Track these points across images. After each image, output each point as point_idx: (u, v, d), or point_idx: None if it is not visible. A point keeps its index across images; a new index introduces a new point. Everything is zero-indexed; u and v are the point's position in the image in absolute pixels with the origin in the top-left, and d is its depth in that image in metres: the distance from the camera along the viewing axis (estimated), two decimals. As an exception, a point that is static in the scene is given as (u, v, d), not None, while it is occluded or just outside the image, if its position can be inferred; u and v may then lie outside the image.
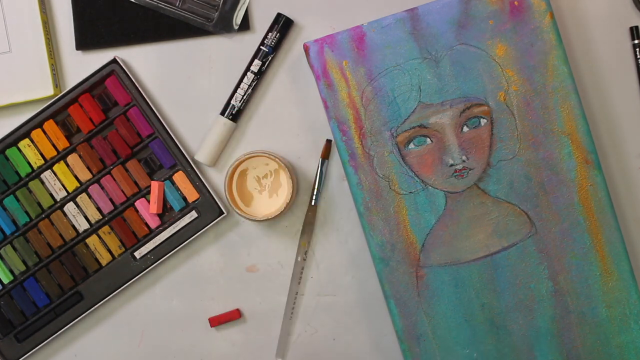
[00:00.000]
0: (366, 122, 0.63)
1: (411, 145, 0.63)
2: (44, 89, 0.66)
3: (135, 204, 0.66)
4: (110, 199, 0.66)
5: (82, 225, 0.66)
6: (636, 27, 0.66)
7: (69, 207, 0.66)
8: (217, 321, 0.67)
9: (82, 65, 0.68)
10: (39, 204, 0.66)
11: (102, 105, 0.66)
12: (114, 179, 0.66)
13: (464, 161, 0.62)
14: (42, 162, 0.66)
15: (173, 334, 0.69)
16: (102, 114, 0.66)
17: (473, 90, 0.62)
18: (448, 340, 0.63)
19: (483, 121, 0.62)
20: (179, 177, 0.66)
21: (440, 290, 0.63)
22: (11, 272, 0.66)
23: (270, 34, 0.66)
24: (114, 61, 0.66)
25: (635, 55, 0.66)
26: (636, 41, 0.66)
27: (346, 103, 0.63)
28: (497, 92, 0.62)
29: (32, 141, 0.66)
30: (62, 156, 0.66)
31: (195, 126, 0.68)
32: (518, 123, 0.62)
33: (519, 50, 0.62)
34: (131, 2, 0.66)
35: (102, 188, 0.66)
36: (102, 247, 0.66)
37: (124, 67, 0.66)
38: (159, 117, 0.66)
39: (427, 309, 0.63)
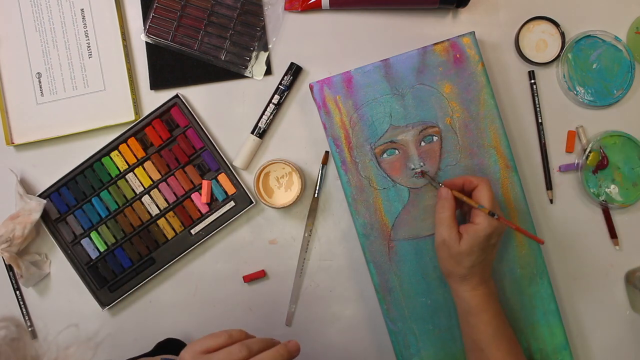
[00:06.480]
0: (353, 139, 0.71)
1: (385, 155, 0.71)
2: (128, 116, 0.75)
3: (192, 196, 0.75)
4: (174, 193, 0.75)
5: (154, 211, 0.75)
6: (532, 70, 0.76)
7: (145, 198, 0.75)
8: (248, 278, 0.75)
9: (154, 99, 0.76)
10: (124, 196, 0.75)
11: (168, 127, 0.75)
12: (177, 179, 0.75)
13: (421, 166, 0.71)
14: (127, 166, 0.75)
15: (218, 287, 0.76)
16: (168, 133, 0.75)
17: (428, 116, 0.71)
18: (410, 291, 0.71)
19: (435, 138, 0.71)
20: (222, 177, 0.75)
21: (405, 256, 0.71)
22: (105, 243, 0.75)
23: (285, 77, 0.75)
24: (177, 96, 0.75)
25: (532, 89, 0.76)
26: (532, 81, 0.76)
27: (339, 125, 0.71)
28: (445, 117, 0.71)
29: (119, 152, 0.75)
30: (140, 162, 0.75)
31: (233, 141, 0.76)
32: (459, 140, 0.71)
33: (460, 88, 0.70)
34: (188, 55, 0.75)
35: (168, 185, 0.75)
36: (168, 226, 0.75)
37: (183, 100, 0.75)
38: (208, 135, 0.75)
39: (396, 270, 0.71)
